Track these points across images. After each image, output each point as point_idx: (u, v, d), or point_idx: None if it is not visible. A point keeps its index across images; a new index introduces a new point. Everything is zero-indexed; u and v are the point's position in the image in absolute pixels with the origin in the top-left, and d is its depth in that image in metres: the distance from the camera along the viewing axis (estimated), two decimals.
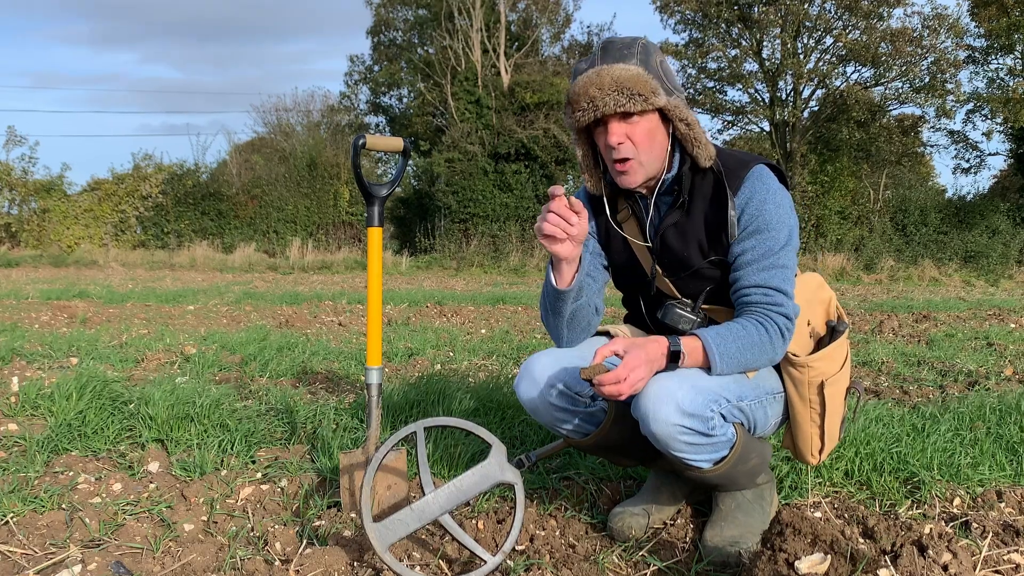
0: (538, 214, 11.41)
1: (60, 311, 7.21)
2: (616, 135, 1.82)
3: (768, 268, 1.86)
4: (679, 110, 1.85)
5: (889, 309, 8.56)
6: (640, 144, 1.84)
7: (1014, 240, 18.57)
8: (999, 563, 1.76)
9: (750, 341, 1.82)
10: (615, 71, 1.77)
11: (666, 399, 1.74)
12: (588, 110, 1.80)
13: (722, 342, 1.81)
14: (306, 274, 16.85)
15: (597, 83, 1.77)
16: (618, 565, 1.89)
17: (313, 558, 1.83)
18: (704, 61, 21.70)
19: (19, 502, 2.13)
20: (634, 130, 1.83)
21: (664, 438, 1.77)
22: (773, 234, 1.86)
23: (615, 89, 1.77)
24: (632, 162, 1.86)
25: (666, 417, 1.74)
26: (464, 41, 22.37)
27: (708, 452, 1.83)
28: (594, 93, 1.78)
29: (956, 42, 20.11)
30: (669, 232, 1.96)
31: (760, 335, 1.83)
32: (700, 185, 1.93)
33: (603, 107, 1.78)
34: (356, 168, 2.14)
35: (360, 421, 2.95)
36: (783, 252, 1.87)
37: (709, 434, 1.79)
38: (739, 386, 1.87)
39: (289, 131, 24.69)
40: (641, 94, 1.77)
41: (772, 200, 1.87)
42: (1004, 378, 4.21)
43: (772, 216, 1.86)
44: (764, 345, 1.83)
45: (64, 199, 21.76)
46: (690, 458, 1.83)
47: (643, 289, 2.07)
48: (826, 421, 1.95)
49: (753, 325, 1.83)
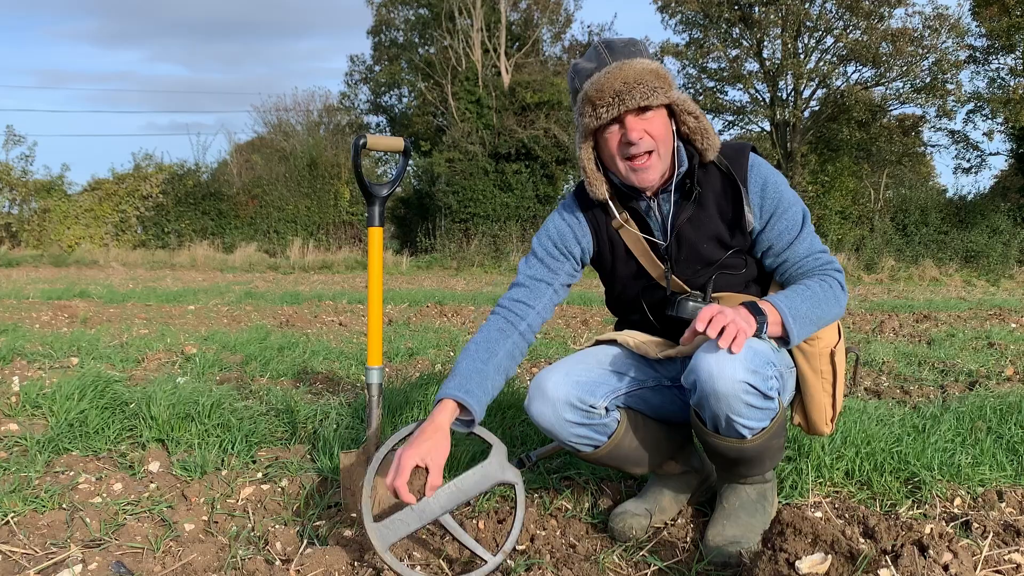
0: (538, 214, 11.46)
1: (61, 311, 7.21)
2: (636, 131, 1.83)
3: (806, 238, 1.95)
4: (687, 103, 1.88)
5: (890, 309, 8.56)
6: (658, 138, 1.86)
7: (1015, 240, 18.56)
8: (1000, 563, 1.76)
9: (817, 297, 1.88)
10: (636, 65, 1.79)
11: (731, 358, 1.73)
12: (614, 104, 1.79)
13: (791, 304, 1.84)
14: (307, 274, 16.86)
15: (621, 77, 1.77)
16: (619, 565, 1.89)
17: (314, 558, 1.83)
18: (705, 61, 21.73)
19: (20, 502, 2.13)
20: (650, 125, 1.84)
21: (728, 396, 1.74)
22: (793, 210, 1.95)
23: (640, 82, 1.78)
24: (652, 156, 1.86)
25: (732, 374, 1.72)
26: (465, 41, 22.38)
27: (758, 418, 1.82)
28: (620, 87, 1.78)
29: (957, 42, 20.12)
30: (685, 228, 1.96)
31: (824, 290, 1.90)
32: (707, 179, 1.96)
33: (630, 100, 1.78)
34: (357, 168, 2.14)
35: (360, 421, 2.95)
36: (806, 221, 1.96)
37: (767, 395, 1.79)
38: (772, 355, 1.86)
39: (289, 131, 24.68)
40: (662, 87, 1.80)
41: (778, 179, 1.96)
42: (1005, 378, 4.20)
43: (785, 194, 1.95)
44: (830, 300, 1.90)
45: (64, 199, 21.77)
46: (743, 422, 1.80)
47: (647, 292, 2.05)
48: (836, 387, 2.02)
49: (816, 283, 1.90)
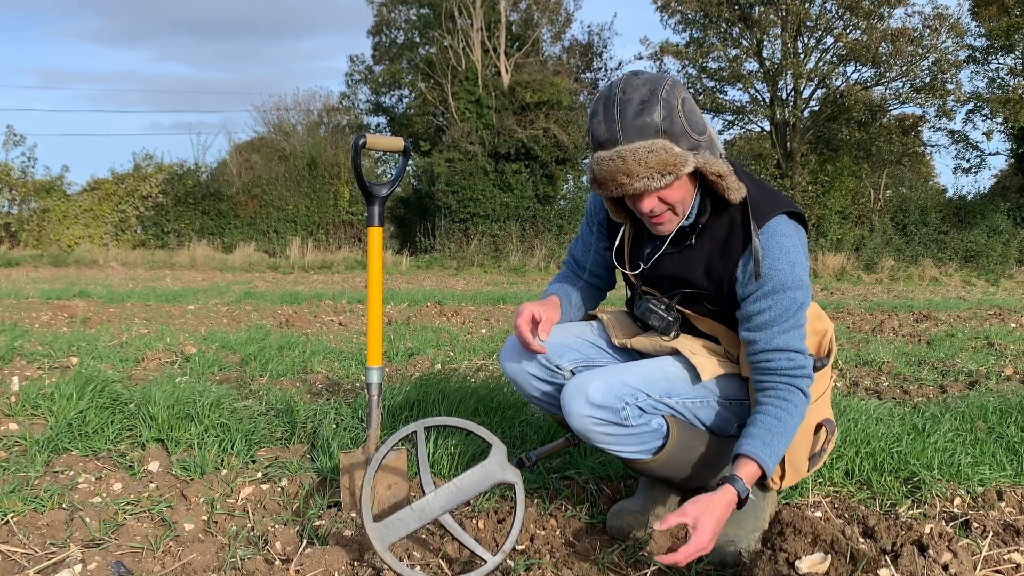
0: (538, 214, 11.61)
1: (60, 311, 7.20)
2: (647, 204, 1.79)
3: (787, 330, 1.83)
4: (710, 165, 1.77)
5: (889, 309, 8.57)
6: (675, 201, 1.81)
7: (1014, 240, 18.58)
8: (999, 563, 1.76)
9: (790, 427, 1.82)
10: (639, 154, 1.68)
11: (577, 394, 1.84)
12: (618, 190, 1.76)
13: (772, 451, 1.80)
14: (306, 274, 16.85)
15: (624, 170, 1.70)
16: (618, 564, 1.89)
17: (313, 558, 1.83)
18: (704, 61, 21.72)
19: (19, 502, 2.13)
20: (666, 194, 1.79)
21: (583, 431, 1.85)
22: (790, 294, 1.82)
23: (644, 175, 1.71)
24: (667, 213, 1.84)
25: (578, 410, 1.83)
26: (465, 41, 22.36)
27: (635, 443, 1.87)
28: (623, 180, 1.72)
29: (956, 42, 20.13)
30: (666, 259, 1.97)
31: (795, 414, 1.83)
32: (713, 225, 1.90)
33: (633, 191, 1.74)
34: (356, 168, 2.14)
35: (360, 421, 2.95)
36: (800, 312, 1.84)
37: (623, 424, 1.83)
38: (668, 384, 1.91)
39: (289, 131, 24.67)
40: (670, 172, 1.71)
41: (793, 256, 1.83)
42: (1005, 378, 4.20)
43: (788, 275, 1.82)
44: (798, 419, 1.84)
45: (64, 199, 21.76)
46: (618, 450, 1.88)
47: (629, 285, 2.13)
48: (790, 452, 1.94)
49: (784, 408, 1.82)
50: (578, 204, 21.08)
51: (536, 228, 20.38)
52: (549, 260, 18.45)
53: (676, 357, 1.97)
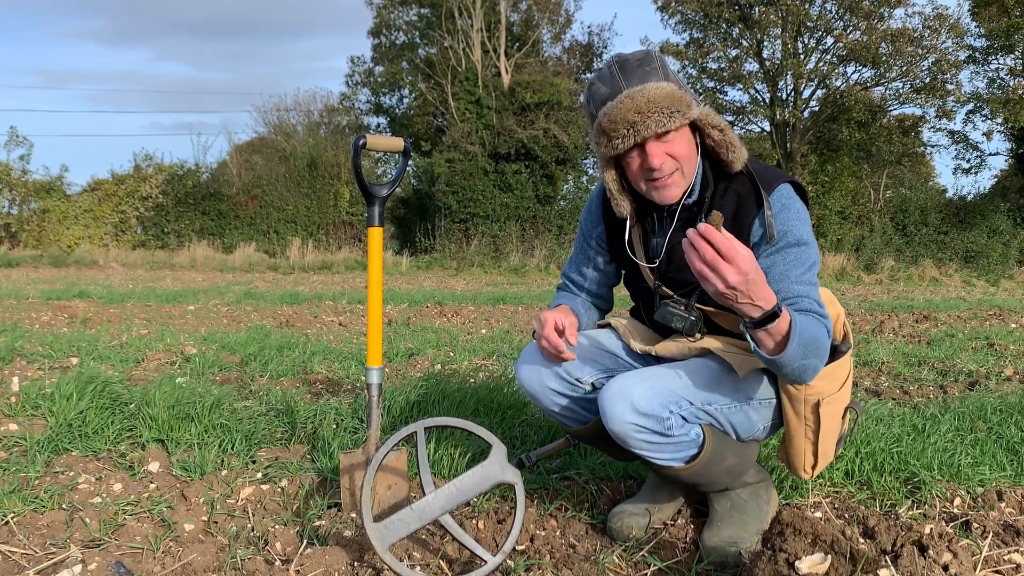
0: (538, 215, 11.58)
1: (60, 311, 7.21)
2: (657, 156, 1.77)
3: (804, 283, 1.79)
4: (710, 117, 1.79)
5: (889, 309, 8.56)
6: (681, 157, 1.80)
7: (1014, 240, 18.58)
8: (999, 563, 1.76)
9: (817, 335, 1.72)
10: (649, 92, 1.71)
11: (621, 398, 1.78)
12: (628, 136, 1.74)
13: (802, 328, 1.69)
14: (306, 274, 16.85)
15: (634, 107, 1.71)
16: (618, 565, 1.89)
17: (313, 558, 1.83)
18: (705, 61, 21.73)
19: (19, 502, 2.13)
20: (672, 146, 1.78)
21: (622, 436, 1.80)
22: (804, 249, 1.80)
23: (654, 110, 1.71)
24: (676, 174, 1.81)
25: (620, 415, 1.77)
26: (465, 41, 22.37)
27: (672, 451, 1.84)
28: (634, 118, 1.72)
29: (956, 42, 20.13)
30: (677, 250, 1.92)
31: (824, 337, 1.74)
32: (720, 205, 1.87)
33: (644, 130, 1.73)
34: (357, 168, 2.14)
35: (360, 421, 2.95)
36: (812, 271, 1.82)
37: (666, 433, 1.80)
38: (709, 391, 1.86)
39: (289, 131, 24.68)
40: (679, 110, 1.73)
41: (798, 217, 1.82)
42: (1005, 378, 4.21)
43: (801, 231, 1.81)
44: (823, 347, 1.74)
45: (64, 199, 21.76)
46: (654, 456, 1.84)
47: (643, 291, 2.08)
48: (820, 439, 1.92)
49: (818, 324, 1.74)
50: (578, 204, 21.07)
51: (536, 228, 20.38)
52: (549, 260, 18.45)
53: (709, 358, 1.92)
